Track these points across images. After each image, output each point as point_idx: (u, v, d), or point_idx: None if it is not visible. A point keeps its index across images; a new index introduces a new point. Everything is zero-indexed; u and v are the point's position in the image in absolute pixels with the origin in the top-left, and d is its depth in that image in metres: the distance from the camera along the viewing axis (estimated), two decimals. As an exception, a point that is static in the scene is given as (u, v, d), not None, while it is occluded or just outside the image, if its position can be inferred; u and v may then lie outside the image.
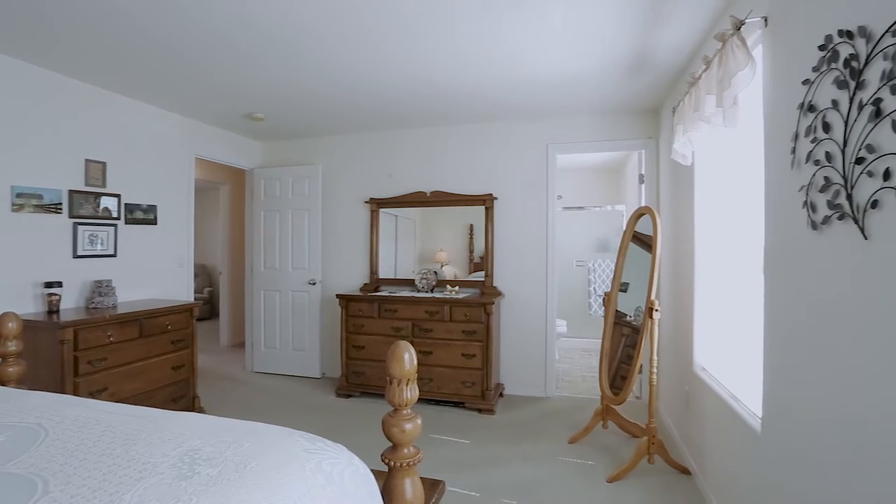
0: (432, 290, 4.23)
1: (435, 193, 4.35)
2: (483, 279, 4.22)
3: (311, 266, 4.66)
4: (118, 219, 3.39)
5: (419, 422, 1.38)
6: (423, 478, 1.63)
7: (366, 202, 4.57)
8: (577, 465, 2.81)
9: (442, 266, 4.44)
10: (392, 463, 1.36)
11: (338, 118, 4.08)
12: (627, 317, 3.20)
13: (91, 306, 3.08)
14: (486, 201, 4.19)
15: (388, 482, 1.38)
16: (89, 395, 2.64)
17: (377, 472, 1.49)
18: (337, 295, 4.13)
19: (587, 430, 3.16)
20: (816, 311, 1.36)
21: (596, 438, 3.17)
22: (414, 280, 4.32)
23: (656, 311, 2.67)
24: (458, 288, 4.17)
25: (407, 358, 1.33)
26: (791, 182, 1.51)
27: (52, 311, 2.85)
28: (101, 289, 3.11)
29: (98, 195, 3.24)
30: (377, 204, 4.51)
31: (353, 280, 4.63)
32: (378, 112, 3.89)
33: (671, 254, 3.29)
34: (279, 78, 3.08)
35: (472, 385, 3.71)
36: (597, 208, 6.15)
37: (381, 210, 4.54)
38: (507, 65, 2.88)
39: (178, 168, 3.95)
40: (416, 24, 2.36)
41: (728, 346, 2.37)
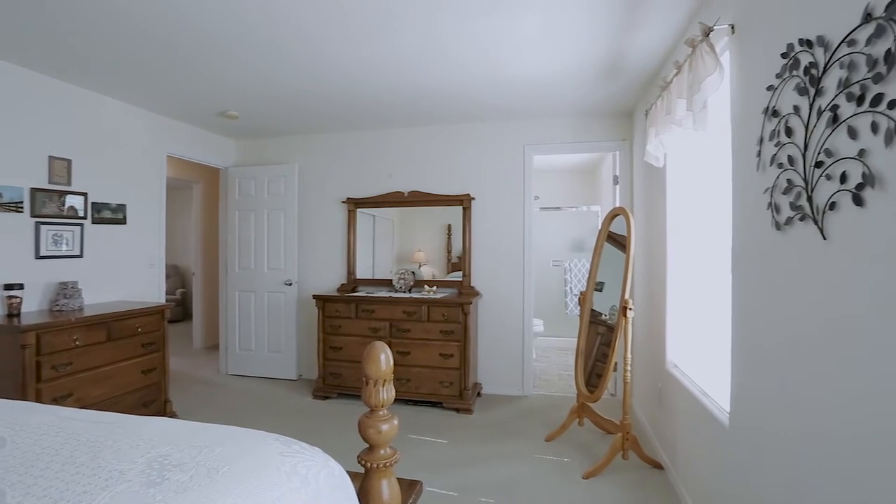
0: (410, 291, 4.22)
1: (413, 193, 4.34)
2: (461, 279, 4.23)
3: (287, 266, 4.60)
4: (84, 218, 3.28)
5: (396, 422, 1.38)
6: (400, 478, 1.63)
7: (343, 202, 4.53)
8: (553, 462, 2.85)
9: (420, 266, 4.43)
10: (368, 464, 1.35)
11: (315, 117, 4.03)
12: (603, 316, 3.26)
13: (55, 309, 2.97)
14: (464, 201, 4.21)
15: (364, 483, 1.37)
16: (53, 402, 2.55)
17: (354, 474, 1.49)
18: (314, 295, 4.09)
19: (563, 427, 3.20)
20: (780, 309, 1.42)
21: (572, 436, 3.22)
22: (392, 280, 4.31)
23: (630, 309, 2.73)
24: (435, 288, 4.17)
25: (383, 358, 1.33)
26: (757, 184, 1.56)
27: (13, 315, 2.74)
28: (66, 291, 3.01)
29: (63, 193, 3.13)
30: (355, 204, 4.48)
31: (330, 281, 4.59)
32: (357, 111, 3.86)
33: (644, 254, 3.37)
34: (256, 74, 3.02)
35: (449, 385, 3.72)
36: (573, 209, 6.23)
37: (359, 210, 4.51)
38: (486, 66, 2.90)
39: (149, 166, 3.84)
40: (398, 22, 2.35)
41: (699, 344, 2.44)
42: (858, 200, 1.03)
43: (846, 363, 1.09)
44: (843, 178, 1.09)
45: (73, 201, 3.20)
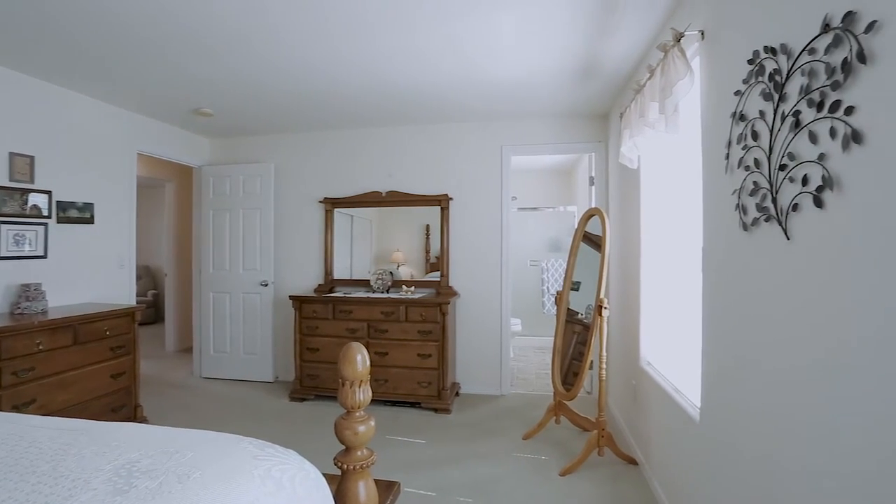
0: (388, 291, 4.20)
1: (391, 193, 4.32)
2: (439, 279, 4.23)
3: (262, 267, 4.52)
4: (49, 217, 3.16)
5: (372, 423, 1.37)
6: (377, 479, 1.63)
7: (320, 202, 4.48)
8: (530, 460, 2.87)
9: (398, 266, 4.42)
10: (345, 466, 1.34)
11: (292, 115, 3.98)
12: (579, 315, 3.31)
13: (17, 312, 2.85)
14: (442, 202, 4.21)
15: (341, 486, 1.36)
16: (13, 409, 2.45)
17: (331, 476, 1.47)
18: (290, 296, 4.03)
19: (540, 425, 3.23)
20: (747, 306, 1.46)
21: (549, 434, 3.25)
22: (369, 281, 4.28)
23: (605, 308, 2.78)
24: (413, 288, 4.16)
25: (359, 359, 1.32)
26: (725, 186, 1.60)
27: (-28, 318, 2.63)
28: (28, 293, 2.90)
29: (25, 191, 3.01)
30: (332, 203, 4.44)
31: (307, 281, 4.53)
32: (334, 110, 3.83)
33: (619, 253, 3.43)
34: (231, 71, 2.96)
35: (428, 385, 3.72)
36: (550, 209, 6.30)
37: (336, 210, 4.47)
38: (464, 67, 2.90)
39: (119, 164, 3.73)
40: (376, 22, 2.33)
41: (671, 341, 2.50)
42: (819, 202, 1.07)
43: (811, 358, 1.13)
44: (805, 180, 1.13)
45: (37, 199, 3.08)
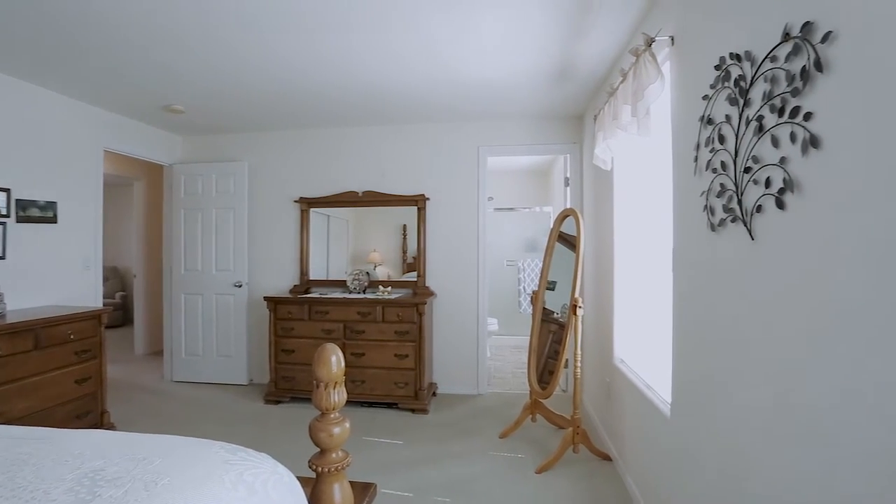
0: (364, 291, 4.17)
1: (367, 193, 4.29)
2: (416, 279, 4.23)
3: (236, 268, 4.44)
4: (7, 216, 3.03)
5: (347, 425, 1.36)
6: (353, 481, 1.61)
7: (295, 201, 4.42)
8: (507, 459, 2.89)
9: (375, 267, 4.39)
10: (320, 469, 1.33)
11: (266, 113, 3.91)
12: (555, 314, 3.35)
13: (-25, 315, 2.73)
14: (419, 202, 4.21)
15: (315, 489, 1.35)
16: (-28, 416, 2.35)
17: (305, 480, 1.46)
18: (265, 297, 3.96)
19: (517, 424, 3.26)
20: (715, 305, 1.51)
21: (525, 432, 3.28)
22: (346, 281, 4.25)
23: (580, 307, 2.82)
24: (390, 288, 4.14)
25: (334, 360, 1.31)
26: (694, 187, 1.65)
27: (-75, 323, 2.50)
28: (-13, 296, 2.77)
29: (-17, 190, 2.88)
30: (308, 203, 4.38)
31: (282, 282, 4.46)
32: (309, 108, 3.78)
33: (594, 253, 3.48)
34: (203, 67, 2.90)
35: (405, 385, 3.71)
36: (526, 209, 6.36)
37: (312, 210, 4.41)
38: (440, 68, 2.90)
39: (84, 161, 3.60)
40: (351, 19, 2.31)
41: (644, 339, 2.55)
42: (780, 204, 1.12)
43: (775, 354, 1.17)
44: (768, 183, 1.17)
45: (-4, 199, 2.95)
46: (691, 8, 1.69)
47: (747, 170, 1.26)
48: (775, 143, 1.13)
